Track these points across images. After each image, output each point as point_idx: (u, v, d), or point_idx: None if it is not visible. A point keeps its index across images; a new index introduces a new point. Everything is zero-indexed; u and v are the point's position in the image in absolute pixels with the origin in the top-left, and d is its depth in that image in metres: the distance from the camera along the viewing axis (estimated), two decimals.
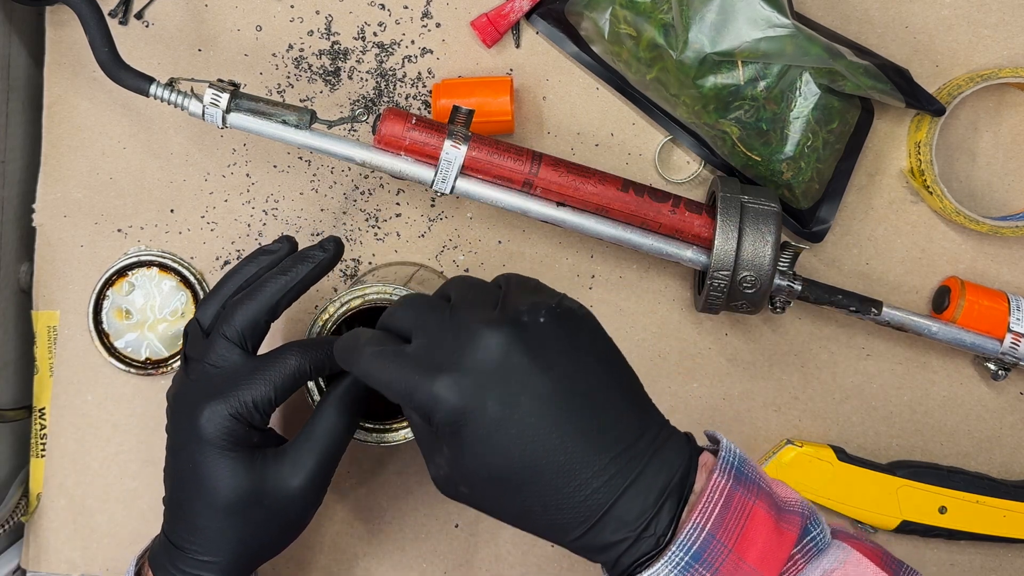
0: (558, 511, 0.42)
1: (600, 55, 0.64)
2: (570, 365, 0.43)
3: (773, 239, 0.57)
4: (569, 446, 0.42)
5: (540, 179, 0.58)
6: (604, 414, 0.43)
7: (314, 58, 0.66)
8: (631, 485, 0.42)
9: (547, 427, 0.42)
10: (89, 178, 0.67)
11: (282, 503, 0.52)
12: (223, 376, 0.52)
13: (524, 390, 0.42)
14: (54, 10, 0.66)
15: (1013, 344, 0.61)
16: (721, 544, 0.41)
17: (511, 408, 0.42)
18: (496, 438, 0.42)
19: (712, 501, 0.41)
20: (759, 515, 0.42)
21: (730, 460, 0.43)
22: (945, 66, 0.65)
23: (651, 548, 0.42)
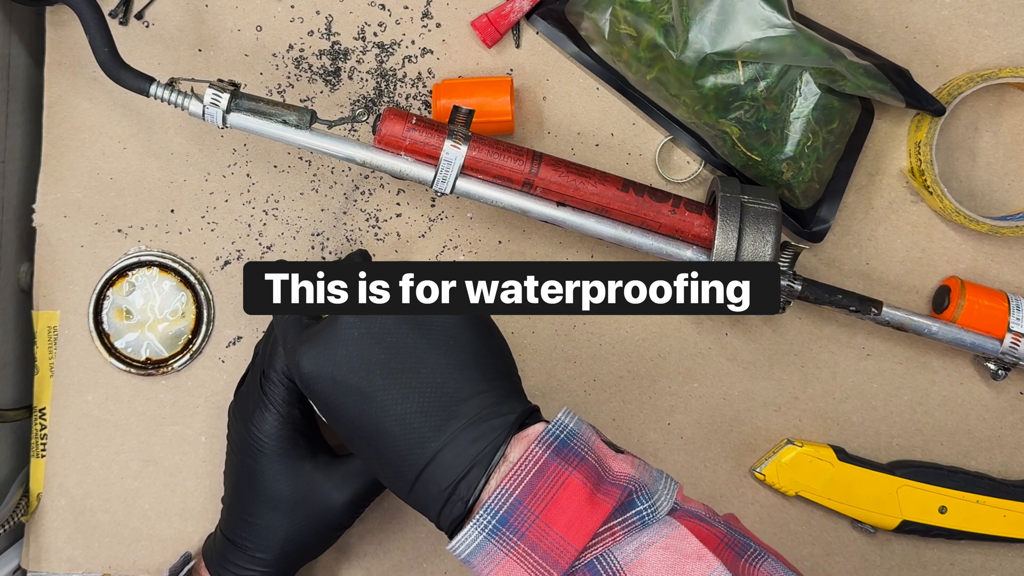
0: (391, 469, 0.48)
1: (600, 55, 0.64)
2: (405, 336, 0.48)
3: (773, 239, 0.57)
4: (392, 410, 0.47)
5: (540, 179, 0.58)
6: (429, 382, 0.47)
7: (314, 58, 0.66)
8: (444, 448, 0.46)
9: (374, 391, 0.47)
10: (89, 178, 0.67)
11: (323, 511, 0.57)
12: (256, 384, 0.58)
13: (357, 358, 0.48)
14: (54, 10, 0.66)
15: (1013, 344, 0.61)
16: (528, 510, 0.44)
17: (345, 374, 0.48)
18: (335, 400, 0.48)
19: (524, 469, 0.44)
20: (573, 484, 0.44)
21: (555, 432, 0.46)
22: (945, 66, 0.65)
23: (461, 512, 0.45)
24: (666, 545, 0.43)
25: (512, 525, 0.44)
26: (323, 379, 0.48)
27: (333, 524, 0.58)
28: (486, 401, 0.47)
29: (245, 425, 0.57)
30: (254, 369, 0.60)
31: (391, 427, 0.47)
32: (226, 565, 0.58)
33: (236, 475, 0.58)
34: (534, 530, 0.43)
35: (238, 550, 0.58)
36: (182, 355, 0.66)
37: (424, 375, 0.48)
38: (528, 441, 0.46)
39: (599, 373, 0.66)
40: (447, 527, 0.46)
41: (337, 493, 0.57)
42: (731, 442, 0.67)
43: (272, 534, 0.57)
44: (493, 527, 0.44)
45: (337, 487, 0.57)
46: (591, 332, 0.66)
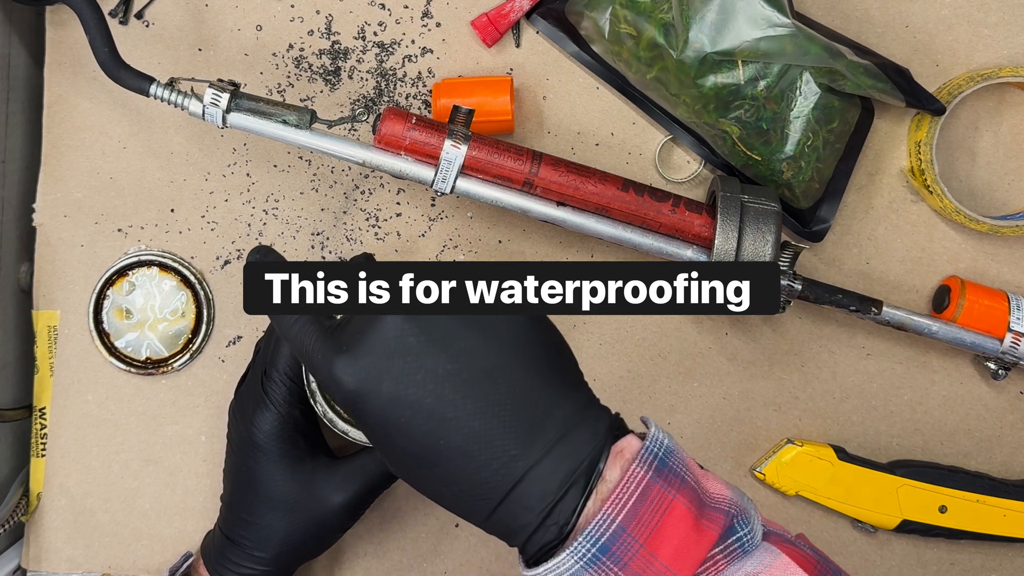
0: (462, 492, 0.42)
1: (600, 55, 0.64)
2: (475, 342, 0.42)
3: (773, 238, 0.57)
4: (467, 426, 0.41)
5: (540, 179, 0.58)
6: (507, 392, 0.42)
7: (314, 58, 0.66)
8: (533, 468, 0.41)
9: (442, 407, 0.41)
10: (89, 178, 0.67)
11: (322, 512, 0.57)
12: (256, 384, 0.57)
13: (419, 370, 0.42)
14: (54, 10, 0.66)
15: (1013, 343, 0.61)
16: (631, 538, 0.40)
17: (403, 388, 0.42)
18: (391, 419, 0.42)
19: (627, 492, 0.40)
20: (678, 510, 0.40)
21: (654, 450, 0.42)
22: (945, 66, 0.65)
23: (555, 537, 0.41)
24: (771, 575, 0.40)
25: (614, 554, 0.39)
26: (378, 396, 0.42)
27: (333, 525, 0.58)
28: (572, 410, 0.43)
29: (245, 424, 0.57)
30: (255, 368, 0.59)
31: (468, 447, 0.41)
32: (224, 563, 0.58)
33: (235, 474, 0.58)
34: (638, 560, 0.39)
35: (237, 548, 0.58)
36: (182, 355, 0.66)
37: (503, 385, 0.42)
38: (626, 459, 0.42)
39: (599, 373, 0.66)
40: (534, 553, 0.42)
41: (337, 494, 0.57)
42: (731, 442, 0.67)
43: (271, 533, 0.57)
44: (593, 556, 0.39)
45: (337, 488, 0.57)
46: (591, 332, 0.66)
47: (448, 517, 0.67)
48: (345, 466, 0.58)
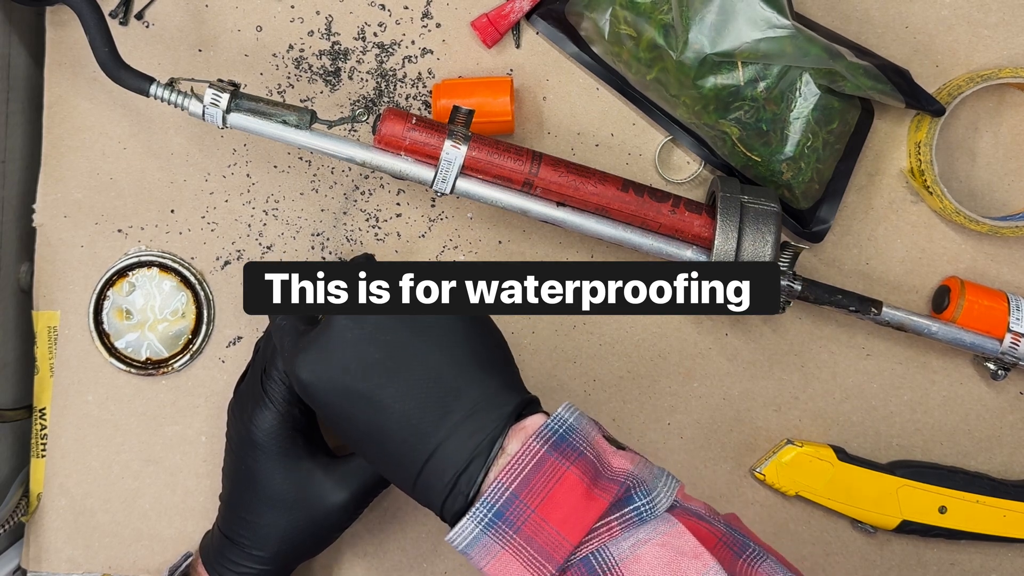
0: (395, 467, 0.48)
1: (600, 55, 0.64)
2: (402, 336, 0.48)
3: (773, 239, 0.57)
4: (392, 408, 0.47)
5: (540, 179, 0.58)
6: (423, 377, 0.47)
7: (314, 58, 0.66)
8: (444, 442, 0.46)
9: (372, 391, 0.47)
10: (89, 178, 0.67)
11: (321, 511, 0.57)
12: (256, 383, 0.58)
13: (354, 359, 0.48)
14: (54, 10, 0.66)
15: (1013, 344, 0.61)
16: (524, 504, 0.44)
17: (342, 377, 0.48)
18: (335, 404, 0.48)
19: (522, 463, 0.45)
20: (569, 480, 0.44)
21: (554, 427, 0.46)
22: (945, 66, 0.65)
23: (462, 505, 0.46)
24: (663, 542, 0.43)
25: (508, 519, 0.44)
26: (322, 385, 0.48)
27: (332, 524, 0.58)
28: (483, 393, 0.48)
29: (244, 423, 0.57)
30: (254, 367, 0.59)
31: (392, 426, 0.47)
32: (223, 563, 0.58)
33: (235, 473, 0.58)
34: (530, 524, 0.44)
35: (236, 547, 0.58)
36: (182, 355, 0.66)
37: (419, 371, 0.48)
38: (526, 434, 0.46)
39: (599, 373, 0.66)
40: (450, 520, 0.47)
41: (336, 493, 0.57)
42: (731, 442, 0.67)
43: (270, 532, 0.57)
44: (489, 520, 0.44)
45: (336, 487, 0.57)
46: (591, 332, 0.66)
47: None
48: (344, 466, 0.58)
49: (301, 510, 0.57)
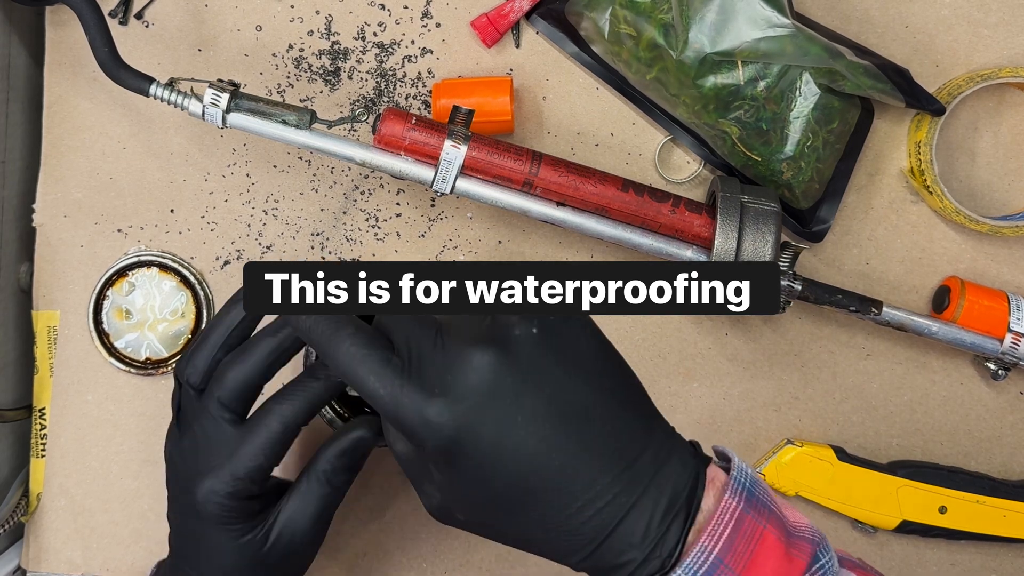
0: (559, 535, 0.41)
1: (600, 55, 0.64)
2: (565, 379, 0.41)
3: (773, 239, 0.57)
4: (567, 467, 0.40)
5: (540, 179, 0.58)
6: (603, 429, 0.41)
7: (314, 58, 0.66)
8: (635, 504, 0.40)
9: (544, 448, 0.40)
10: (89, 178, 0.67)
11: (285, 560, 0.52)
12: (214, 446, 0.50)
13: (519, 411, 0.40)
14: (54, 10, 0.66)
15: (1013, 344, 0.61)
16: (729, 570, 0.40)
17: (506, 431, 0.40)
18: (492, 464, 0.40)
19: (722, 524, 0.40)
20: (769, 540, 0.41)
21: (742, 481, 0.42)
22: (945, 66, 0.65)
23: (657, 569, 0.40)
24: None
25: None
26: (479, 441, 0.40)
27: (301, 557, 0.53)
28: (660, 441, 0.42)
29: (197, 489, 0.50)
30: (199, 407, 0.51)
31: (571, 486, 0.40)
32: None
33: (185, 534, 0.52)
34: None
35: None
36: (182, 355, 0.66)
37: (598, 423, 0.41)
38: (718, 489, 0.42)
39: None
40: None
41: (298, 528, 0.51)
42: (731, 442, 0.67)
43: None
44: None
45: (297, 521, 0.51)
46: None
47: None
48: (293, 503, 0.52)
49: (264, 565, 0.51)
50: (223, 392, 0.50)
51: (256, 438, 0.50)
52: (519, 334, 0.41)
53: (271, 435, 0.50)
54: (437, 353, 0.41)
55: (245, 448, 0.49)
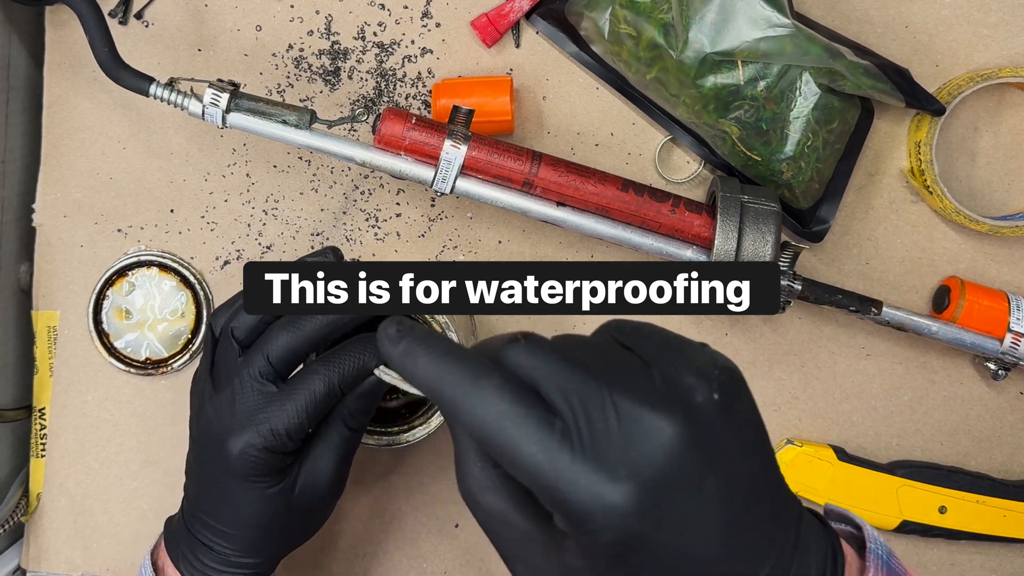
0: None
1: (600, 55, 0.64)
2: (740, 453, 0.35)
3: (773, 239, 0.57)
4: (741, 551, 0.35)
5: (540, 179, 0.58)
6: (770, 507, 0.36)
7: (314, 58, 0.66)
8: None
9: (724, 534, 0.34)
10: (89, 178, 0.67)
11: (310, 508, 0.53)
12: (255, 403, 0.50)
13: (702, 493, 0.34)
14: (54, 10, 0.66)
15: (1013, 344, 0.61)
16: None
17: (692, 519, 0.34)
18: (674, 558, 0.34)
19: None
20: None
21: (880, 555, 0.39)
22: (945, 66, 0.65)
23: None
24: None
25: None
26: (665, 533, 0.33)
27: (319, 514, 0.54)
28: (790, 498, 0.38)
29: (232, 443, 0.49)
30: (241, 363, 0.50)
31: (740, 570, 0.35)
32: (203, 568, 0.52)
33: (210, 487, 0.52)
34: None
35: (216, 555, 0.52)
36: (182, 355, 0.66)
37: (765, 500, 0.36)
38: (855, 568, 0.38)
39: None
40: None
41: (320, 477, 0.52)
42: None
43: (258, 544, 0.52)
44: None
45: (318, 470, 0.52)
46: (590, 332, 0.66)
47: (448, 517, 0.67)
48: (320, 441, 0.52)
49: (290, 515, 0.52)
50: (273, 353, 0.50)
51: (299, 398, 0.49)
52: (701, 401, 0.35)
53: (315, 396, 0.49)
54: (610, 418, 0.34)
55: (287, 406, 0.49)
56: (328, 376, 0.50)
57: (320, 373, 0.50)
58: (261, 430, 0.49)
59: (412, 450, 0.67)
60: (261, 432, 0.49)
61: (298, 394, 0.49)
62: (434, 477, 0.67)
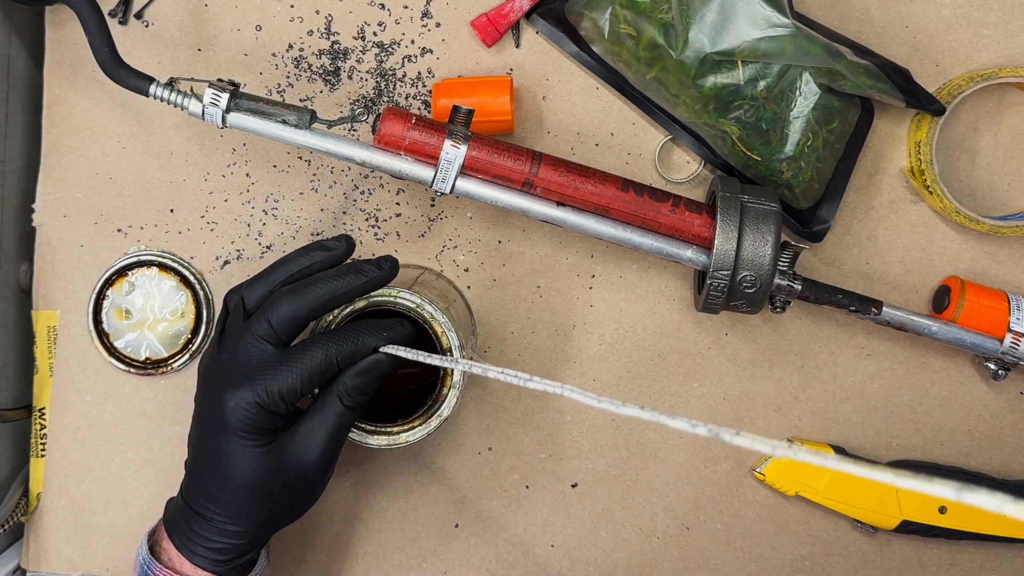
0: None
1: (600, 55, 0.64)
2: None
3: (773, 239, 0.57)
4: None
5: (540, 179, 0.58)
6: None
7: (314, 58, 0.66)
8: None
9: None
10: (89, 178, 0.67)
11: (298, 479, 0.54)
12: (254, 362, 0.53)
13: None
14: (54, 10, 0.66)
15: (1013, 344, 0.61)
16: None
17: None
18: None
19: None
20: None
21: None
22: (945, 66, 0.65)
23: None
24: None
25: None
26: None
27: (308, 489, 0.56)
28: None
29: (222, 402, 0.52)
30: (245, 326, 0.53)
31: None
32: (193, 538, 0.54)
33: (201, 445, 0.54)
34: None
35: (206, 522, 0.54)
36: (182, 355, 0.66)
37: None
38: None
39: (599, 373, 0.66)
40: None
41: (309, 451, 0.54)
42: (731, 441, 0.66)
43: (243, 507, 0.53)
44: None
45: (306, 450, 0.54)
46: (591, 332, 0.66)
47: (448, 517, 0.67)
48: (313, 418, 0.54)
49: (277, 482, 0.53)
50: (274, 316, 0.52)
51: (297, 362, 0.52)
52: None
53: (312, 363, 0.52)
54: None
55: (284, 367, 0.52)
56: (327, 347, 0.53)
57: (320, 343, 0.53)
58: (256, 387, 0.52)
59: (412, 450, 0.67)
60: (256, 389, 0.52)
61: (296, 359, 0.52)
62: (434, 477, 0.67)
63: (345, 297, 0.54)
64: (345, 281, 0.53)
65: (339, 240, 0.56)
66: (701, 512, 0.67)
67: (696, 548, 0.67)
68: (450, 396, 0.56)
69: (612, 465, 0.67)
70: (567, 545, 0.67)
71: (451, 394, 0.56)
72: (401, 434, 0.57)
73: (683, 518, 0.67)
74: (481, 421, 0.67)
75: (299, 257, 0.55)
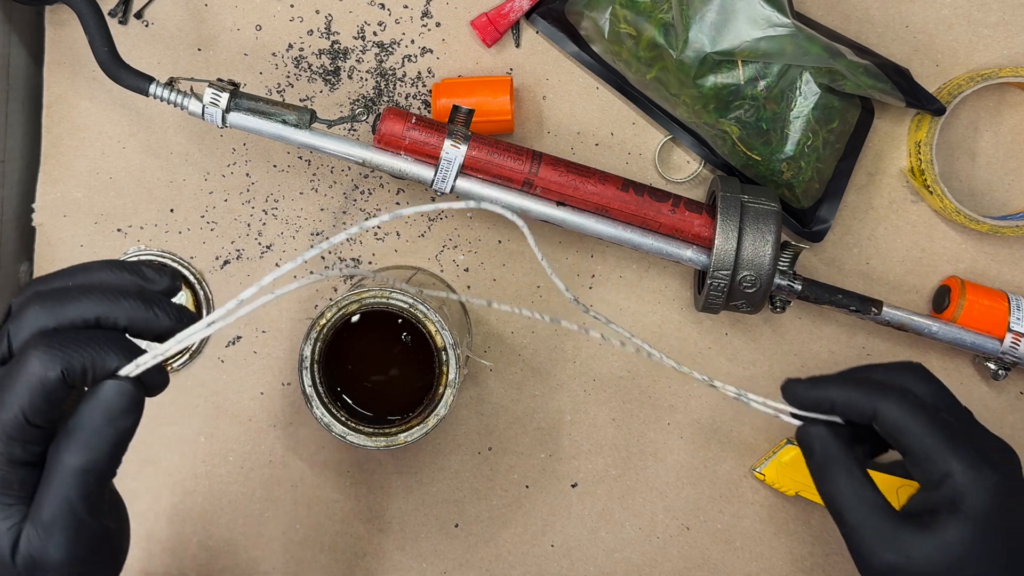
0: None
1: (600, 55, 0.64)
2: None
3: (773, 239, 0.57)
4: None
5: (540, 178, 0.58)
6: None
7: (314, 57, 0.66)
8: None
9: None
10: (89, 178, 0.67)
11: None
12: None
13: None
14: (54, 10, 0.66)
15: (1013, 344, 0.61)
16: None
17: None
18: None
19: None
20: None
21: None
22: (945, 65, 0.65)
23: None
24: None
25: None
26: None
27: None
28: None
29: None
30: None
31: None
32: None
33: None
34: None
35: None
36: (181, 355, 0.66)
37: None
38: None
39: (599, 373, 0.66)
40: None
41: (52, 553, 0.38)
42: (731, 442, 0.66)
43: None
44: None
45: (47, 544, 0.38)
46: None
47: (448, 517, 0.67)
48: (40, 501, 0.39)
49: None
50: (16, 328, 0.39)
51: (12, 384, 0.37)
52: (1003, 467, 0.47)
53: (30, 380, 0.37)
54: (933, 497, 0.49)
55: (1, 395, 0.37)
56: (48, 353, 0.37)
57: (40, 344, 0.37)
58: None
59: (412, 450, 0.67)
60: None
61: (12, 380, 0.37)
62: (434, 477, 0.67)
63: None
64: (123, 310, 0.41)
65: (162, 275, 0.43)
66: (701, 512, 0.67)
67: (696, 548, 0.67)
68: (447, 395, 0.56)
69: (612, 465, 0.67)
70: (567, 545, 0.67)
71: (447, 393, 0.56)
72: (400, 435, 0.57)
73: (683, 518, 0.67)
74: (481, 421, 0.67)
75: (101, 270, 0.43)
